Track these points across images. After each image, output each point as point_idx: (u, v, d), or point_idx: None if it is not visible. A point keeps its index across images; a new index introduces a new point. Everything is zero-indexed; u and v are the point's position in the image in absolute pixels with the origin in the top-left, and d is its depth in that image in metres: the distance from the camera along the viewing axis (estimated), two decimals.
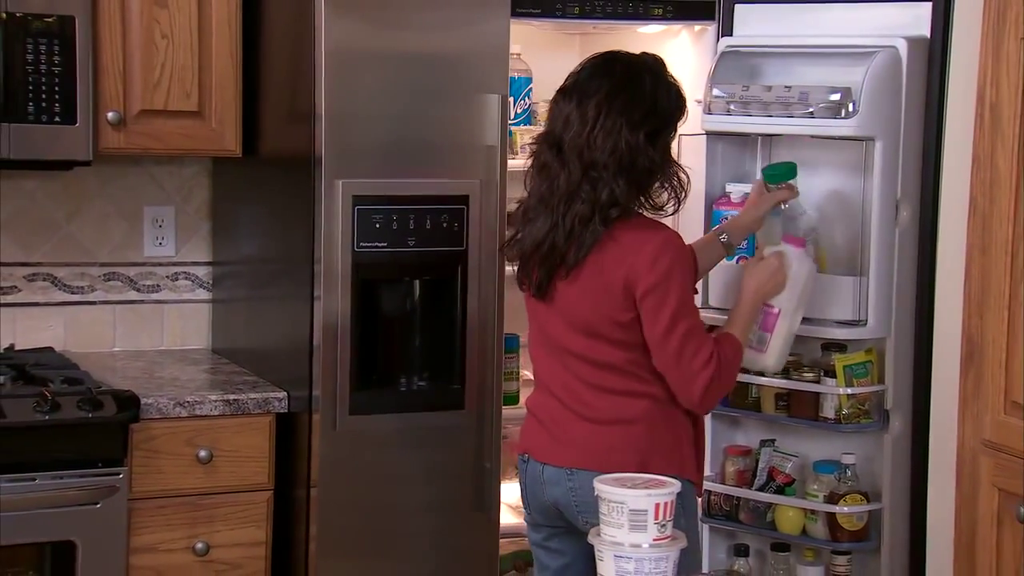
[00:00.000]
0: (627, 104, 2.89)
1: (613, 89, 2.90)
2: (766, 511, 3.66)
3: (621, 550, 2.20)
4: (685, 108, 3.02)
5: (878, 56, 3.41)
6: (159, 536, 3.45)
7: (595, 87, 2.91)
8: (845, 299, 3.48)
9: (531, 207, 2.99)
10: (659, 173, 2.94)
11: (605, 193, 2.88)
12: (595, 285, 2.92)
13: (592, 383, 2.96)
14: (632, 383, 2.94)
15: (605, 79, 2.92)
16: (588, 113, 2.89)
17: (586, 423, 2.97)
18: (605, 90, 2.90)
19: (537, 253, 2.96)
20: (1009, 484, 3.16)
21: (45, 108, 3.46)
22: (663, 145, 2.96)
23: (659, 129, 2.94)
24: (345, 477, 3.49)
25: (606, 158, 2.87)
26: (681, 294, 2.90)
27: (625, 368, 2.94)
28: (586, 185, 2.89)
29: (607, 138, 2.87)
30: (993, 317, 3.21)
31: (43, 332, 3.95)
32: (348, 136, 3.44)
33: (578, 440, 2.97)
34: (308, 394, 3.49)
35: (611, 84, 2.91)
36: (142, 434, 3.41)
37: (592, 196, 2.89)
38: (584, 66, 2.99)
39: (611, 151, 2.87)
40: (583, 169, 2.89)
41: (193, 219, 4.10)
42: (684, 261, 2.93)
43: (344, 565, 3.51)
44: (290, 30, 3.62)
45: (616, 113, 2.88)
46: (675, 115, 2.99)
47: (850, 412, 3.52)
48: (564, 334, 2.98)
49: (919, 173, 3.48)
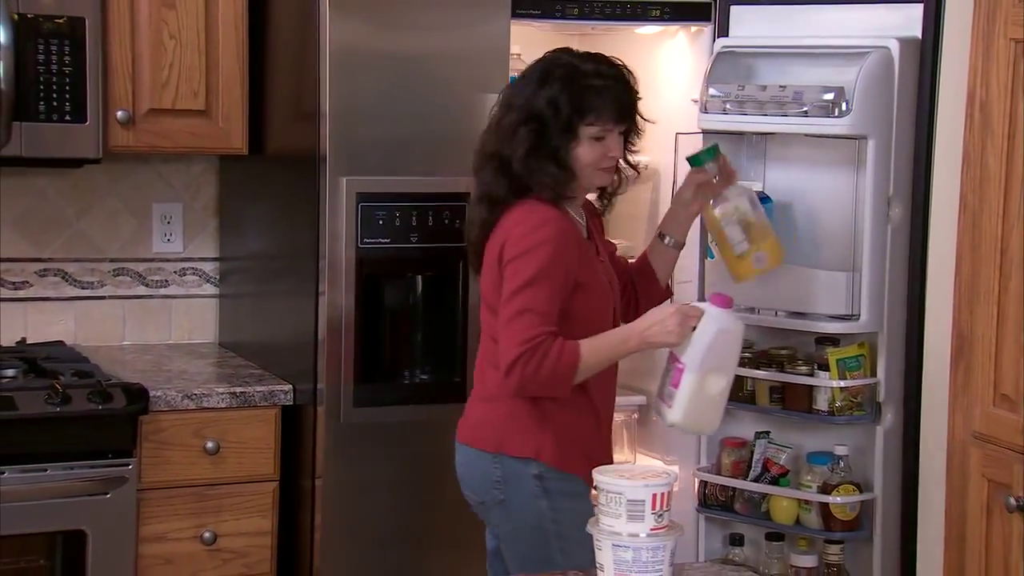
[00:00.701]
0: (523, 85, 3.03)
1: (518, 78, 3.10)
2: (761, 501, 3.66)
3: (619, 540, 2.20)
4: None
5: (871, 56, 3.40)
6: (167, 525, 3.46)
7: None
8: (838, 294, 3.48)
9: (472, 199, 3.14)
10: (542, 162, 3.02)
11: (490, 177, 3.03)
12: (488, 260, 3.00)
13: (487, 359, 3.03)
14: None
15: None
16: (496, 103, 3.08)
17: (475, 399, 3.09)
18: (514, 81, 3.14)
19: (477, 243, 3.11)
20: (998, 475, 3.16)
21: (56, 107, 3.47)
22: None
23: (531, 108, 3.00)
24: (349, 468, 3.50)
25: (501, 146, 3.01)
26: (537, 270, 2.88)
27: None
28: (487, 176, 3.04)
29: (500, 125, 3.03)
30: (983, 312, 3.21)
31: (54, 326, 3.95)
32: (352, 134, 3.44)
33: (467, 415, 3.09)
34: (313, 387, 3.49)
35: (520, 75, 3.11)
36: (151, 426, 3.42)
37: (491, 186, 3.03)
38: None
39: (499, 138, 3.02)
40: (484, 159, 3.05)
41: (200, 216, 4.10)
42: (556, 243, 2.91)
43: (348, 554, 3.51)
44: (295, 31, 3.62)
45: (511, 98, 3.04)
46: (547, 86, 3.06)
47: (843, 405, 3.51)
48: (481, 313, 3.07)
49: (911, 171, 3.48)
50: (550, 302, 2.90)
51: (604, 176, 3.05)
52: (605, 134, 2.98)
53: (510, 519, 3.01)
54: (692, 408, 3.00)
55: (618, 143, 3.02)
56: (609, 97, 2.97)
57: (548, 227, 2.93)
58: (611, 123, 2.98)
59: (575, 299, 2.95)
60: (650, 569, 2.20)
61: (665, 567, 2.22)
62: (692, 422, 3.06)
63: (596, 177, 3.03)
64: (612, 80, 2.99)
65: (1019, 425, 3.10)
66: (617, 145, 3.02)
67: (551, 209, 2.96)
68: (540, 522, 2.97)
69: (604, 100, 2.96)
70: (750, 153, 3.74)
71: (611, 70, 3.01)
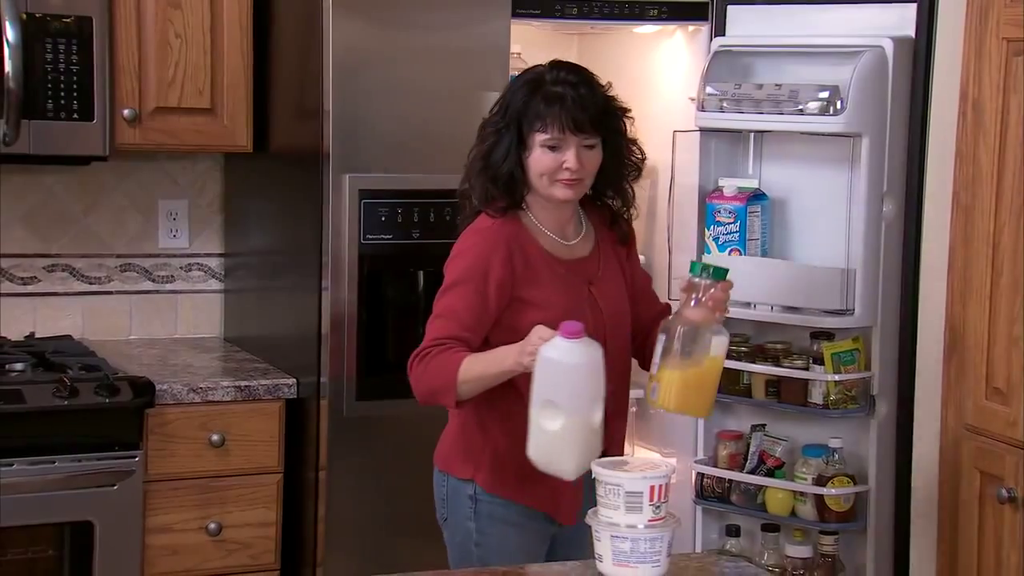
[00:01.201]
0: (502, 98, 2.86)
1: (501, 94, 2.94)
2: (757, 493, 3.66)
3: (617, 530, 2.20)
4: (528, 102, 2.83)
5: (865, 55, 3.40)
6: (173, 517, 3.46)
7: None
8: (833, 289, 3.48)
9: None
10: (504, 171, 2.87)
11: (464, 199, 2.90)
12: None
13: None
14: None
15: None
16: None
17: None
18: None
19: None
20: (991, 467, 3.17)
21: (64, 105, 3.47)
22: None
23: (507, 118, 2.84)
24: (352, 460, 3.50)
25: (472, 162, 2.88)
26: (454, 277, 2.78)
27: None
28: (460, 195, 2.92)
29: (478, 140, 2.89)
30: (975, 307, 3.22)
31: (62, 321, 3.95)
32: (355, 132, 3.44)
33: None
34: (316, 380, 3.49)
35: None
36: (157, 419, 3.42)
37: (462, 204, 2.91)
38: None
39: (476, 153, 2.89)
40: (463, 179, 2.91)
41: (206, 212, 4.10)
42: (478, 251, 2.78)
43: (351, 545, 3.52)
44: (299, 30, 3.62)
45: (491, 112, 2.87)
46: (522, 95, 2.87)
47: (837, 398, 3.52)
48: None
49: (904, 168, 3.48)
50: (466, 309, 2.74)
51: (563, 189, 2.77)
52: (558, 143, 2.74)
53: (450, 539, 2.92)
54: (536, 444, 2.61)
55: (577, 154, 2.75)
56: (560, 105, 2.74)
57: (476, 236, 2.80)
58: (562, 131, 2.74)
59: (521, 316, 2.75)
60: (648, 559, 2.20)
61: (663, 557, 2.22)
62: (543, 459, 2.62)
63: (554, 188, 2.77)
64: (569, 87, 2.76)
65: (1010, 418, 3.11)
66: (575, 156, 2.74)
67: (492, 220, 2.81)
68: (466, 544, 2.86)
69: (554, 107, 2.74)
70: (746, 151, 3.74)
71: (572, 76, 2.79)
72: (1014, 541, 3.09)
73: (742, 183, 3.61)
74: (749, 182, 3.64)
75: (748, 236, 3.57)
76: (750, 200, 3.57)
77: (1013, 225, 3.11)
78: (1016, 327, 3.10)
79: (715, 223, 3.59)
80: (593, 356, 2.56)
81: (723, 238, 3.59)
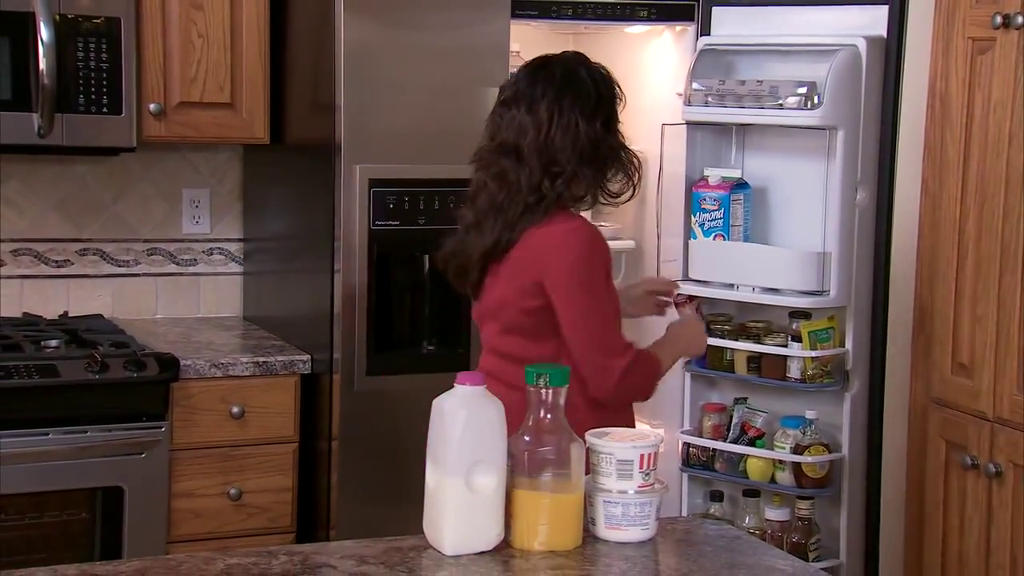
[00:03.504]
0: (576, 99, 2.65)
1: (560, 89, 2.65)
2: (739, 461, 3.67)
3: (609, 496, 2.21)
4: (621, 93, 2.74)
5: (840, 53, 3.41)
6: (197, 483, 3.47)
7: (541, 91, 2.65)
8: (810, 272, 3.49)
9: (483, 212, 2.70)
10: (618, 159, 2.71)
11: (564, 185, 2.63)
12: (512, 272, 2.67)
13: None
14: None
15: (548, 82, 2.66)
16: (541, 116, 2.63)
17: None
18: (552, 92, 2.65)
19: (483, 258, 2.70)
20: (955, 436, 3.18)
21: (94, 100, 3.47)
22: (616, 131, 2.71)
23: (610, 116, 2.71)
24: (363, 431, 3.51)
25: (568, 153, 2.63)
26: (604, 273, 2.63)
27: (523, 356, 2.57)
28: (547, 181, 2.63)
29: (566, 135, 2.63)
30: (942, 287, 3.23)
31: (93, 301, 3.96)
32: (365, 125, 3.44)
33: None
34: (329, 357, 3.50)
35: (556, 85, 2.66)
36: (181, 392, 3.43)
37: (552, 190, 2.63)
38: (519, 76, 2.73)
39: (572, 146, 2.63)
40: (543, 168, 2.63)
41: (226, 200, 4.10)
42: (595, 248, 2.64)
43: (362, 509, 3.52)
44: (312, 30, 3.62)
45: (568, 110, 2.63)
46: (615, 100, 2.73)
47: (814, 373, 3.53)
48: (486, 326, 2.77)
49: (877, 158, 3.48)
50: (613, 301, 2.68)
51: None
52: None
53: None
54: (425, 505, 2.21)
55: None
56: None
57: (593, 228, 2.72)
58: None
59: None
60: (638, 523, 2.21)
61: (651, 521, 2.23)
62: (425, 525, 2.21)
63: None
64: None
65: (974, 391, 3.12)
66: None
67: (580, 215, 2.74)
68: None
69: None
70: (730, 143, 3.74)
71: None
72: (976, 505, 3.10)
73: (726, 173, 3.61)
74: (732, 172, 3.64)
75: (732, 222, 3.58)
76: (733, 188, 3.57)
77: (977, 212, 3.12)
78: (979, 307, 3.11)
79: (700, 210, 3.59)
80: (485, 412, 2.14)
81: (708, 224, 3.60)
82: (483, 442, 2.13)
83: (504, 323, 2.72)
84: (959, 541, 3.15)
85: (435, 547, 2.15)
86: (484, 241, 2.69)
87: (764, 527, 3.57)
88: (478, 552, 2.13)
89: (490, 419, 2.13)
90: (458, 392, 2.15)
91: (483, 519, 2.13)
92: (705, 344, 3.06)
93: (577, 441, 2.16)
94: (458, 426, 2.12)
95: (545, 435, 2.15)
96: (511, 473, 2.14)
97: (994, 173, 3.05)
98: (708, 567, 2.13)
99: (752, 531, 3.50)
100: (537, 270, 2.63)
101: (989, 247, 3.06)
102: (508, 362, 2.66)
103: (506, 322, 2.71)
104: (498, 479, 2.12)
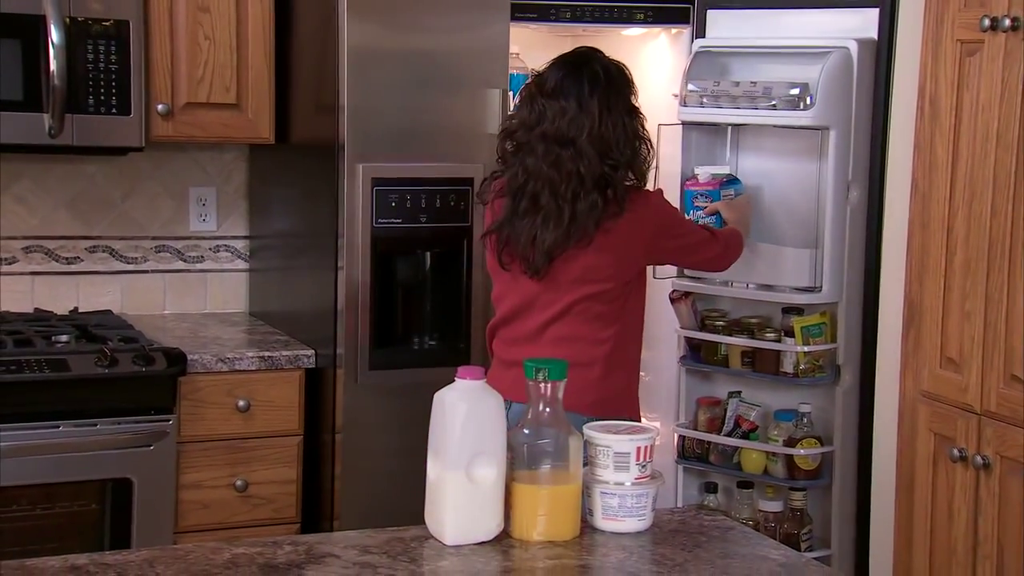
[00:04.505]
0: (619, 96, 2.89)
1: (605, 87, 2.87)
2: (733, 453, 3.68)
3: (606, 487, 2.21)
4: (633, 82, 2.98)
5: (832, 55, 3.41)
6: (204, 474, 3.47)
7: (588, 89, 2.86)
8: (802, 268, 3.49)
9: (539, 194, 2.86)
10: (646, 143, 2.94)
11: (625, 172, 2.87)
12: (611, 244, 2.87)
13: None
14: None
15: (595, 81, 2.87)
16: (593, 112, 2.84)
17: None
18: (600, 90, 2.85)
19: (555, 247, 2.86)
20: (944, 429, 3.18)
21: (103, 101, 3.47)
22: (640, 117, 2.96)
23: (636, 106, 2.95)
24: (365, 424, 3.51)
25: (622, 146, 2.86)
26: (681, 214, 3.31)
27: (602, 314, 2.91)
28: (607, 170, 2.84)
29: (615, 129, 2.86)
30: (931, 284, 3.23)
31: (103, 297, 3.96)
32: (368, 125, 3.44)
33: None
34: (333, 352, 3.50)
35: (602, 84, 2.87)
36: (188, 386, 3.43)
37: (615, 179, 2.85)
38: (559, 71, 2.90)
39: (624, 139, 2.87)
40: (600, 159, 2.83)
41: (232, 198, 4.11)
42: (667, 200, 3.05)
43: (364, 501, 3.53)
44: (316, 32, 3.62)
45: (615, 107, 2.87)
46: (634, 92, 2.97)
47: (806, 367, 3.53)
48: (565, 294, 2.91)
49: (868, 158, 3.49)
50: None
51: None
52: None
53: None
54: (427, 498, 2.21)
55: None
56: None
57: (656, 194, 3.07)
58: None
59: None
60: (634, 514, 2.21)
61: (648, 512, 2.23)
62: (427, 516, 2.22)
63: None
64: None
65: (962, 385, 3.12)
66: None
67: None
68: None
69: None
70: (724, 143, 3.75)
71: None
72: (964, 496, 3.11)
73: (715, 170, 3.61)
74: (721, 169, 3.64)
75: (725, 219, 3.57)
76: (723, 185, 3.57)
77: (965, 210, 3.12)
78: (968, 303, 3.11)
79: (693, 207, 3.59)
80: (484, 406, 2.13)
81: (702, 221, 3.59)
82: (483, 435, 2.13)
83: (588, 292, 2.88)
84: (947, 531, 3.15)
85: (436, 537, 2.15)
86: (554, 232, 2.85)
87: (758, 518, 3.58)
88: (478, 542, 2.14)
89: (490, 412, 2.13)
90: (458, 386, 2.16)
91: (483, 510, 2.14)
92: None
93: (575, 434, 2.17)
94: (458, 419, 2.12)
95: (544, 428, 2.15)
96: (510, 465, 2.15)
97: (982, 173, 3.05)
98: (703, 557, 2.14)
99: (746, 522, 3.51)
100: (647, 234, 2.90)
101: (977, 244, 3.06)
102: (591, 322, 2.88)
103: (592, 291, 2.88)
104: (498, 471, 2.13)
